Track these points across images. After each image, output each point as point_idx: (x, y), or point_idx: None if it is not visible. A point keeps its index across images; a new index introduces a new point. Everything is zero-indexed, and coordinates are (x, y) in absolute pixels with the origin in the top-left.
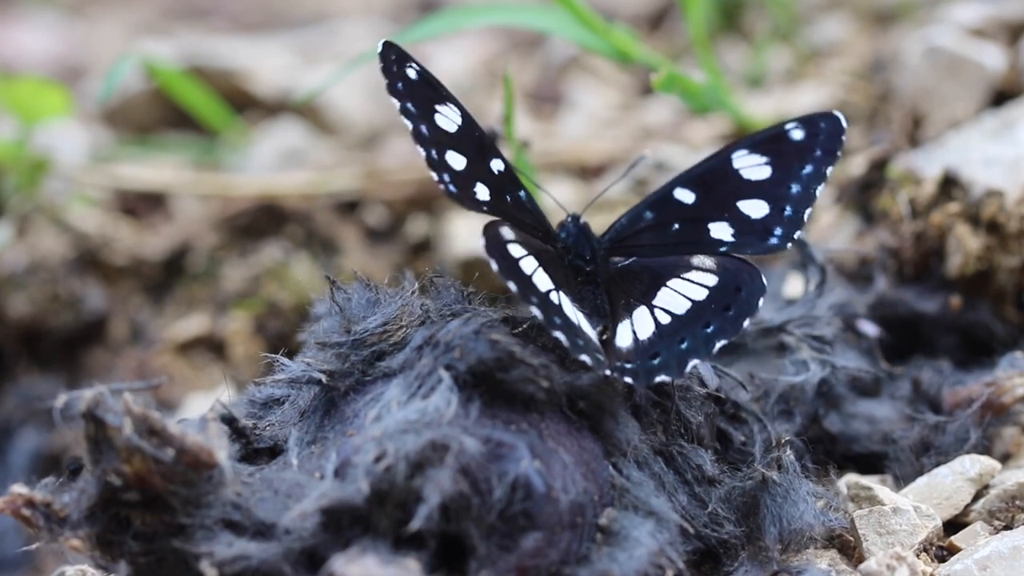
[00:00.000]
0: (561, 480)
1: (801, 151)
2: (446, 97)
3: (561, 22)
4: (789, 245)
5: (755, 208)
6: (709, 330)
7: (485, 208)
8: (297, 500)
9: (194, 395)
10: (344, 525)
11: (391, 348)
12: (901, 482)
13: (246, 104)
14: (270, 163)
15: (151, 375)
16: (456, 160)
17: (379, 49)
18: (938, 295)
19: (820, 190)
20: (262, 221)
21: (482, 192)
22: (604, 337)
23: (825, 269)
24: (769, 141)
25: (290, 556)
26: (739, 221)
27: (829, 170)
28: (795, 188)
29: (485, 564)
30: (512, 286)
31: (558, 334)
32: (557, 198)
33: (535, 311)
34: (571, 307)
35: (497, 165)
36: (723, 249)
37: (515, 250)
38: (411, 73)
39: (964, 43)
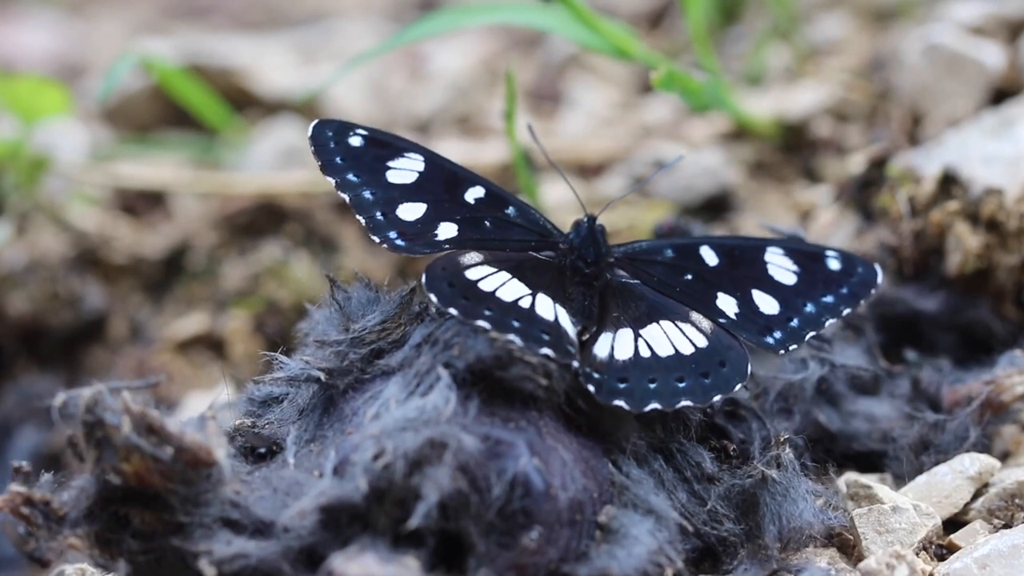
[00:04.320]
0: (560, 478)
1: (829, 281)
2: (403, 148)
3: (560, 20)
4: (781, 353)
5: (767, 303)
6: (680, 385)
7: (447, 246)
8: (296, 498)
9: (194, 394)
10: (343, 523)
11: (390, 346)
12: (900, 480)
13: (246, 103)
14: (270, 162)
15: (150, 374)
16: (411, 211)
17: (310, 132)
18: (938, 293)
19: (830, 323)
20: (261, 220)
21: (445, 231)
22: (584, 338)
23: None
24: (806, 255)
25: (289, 554)
26: (747, 306)
27: (846, 311)
28: (809, 308)
29: (484, 562)
30: (454, 311)
31: (512, 336)
32: (557, 197)
33: (483, 324)
34: (549, 306)
35: (475, 194)
36: (721, 321)
37: (475, 273)
38: (355, 142)
39: (963, 41)
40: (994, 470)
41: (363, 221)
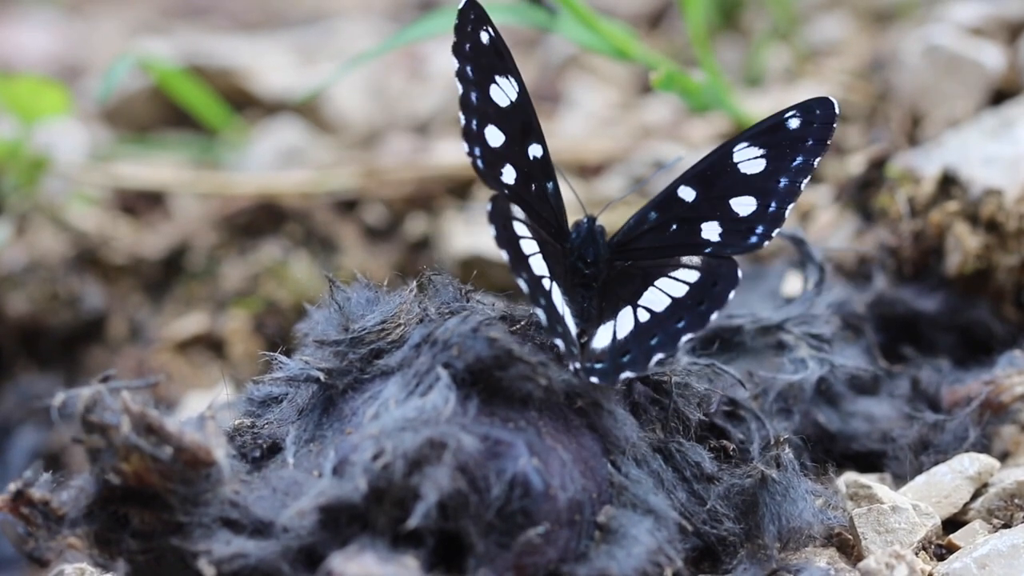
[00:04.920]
0: (559, 478)
1: (794, 141)
2: (510, 70)
3: (560, 21)
4: (766, 244)
5: (744, 206)
6: (679, 325)
7: (507, 191)
8: (295, 498)
9: (193, 393)
10: (342, 523)
11: (389, 346)
12: (900, 480)
13: (245, 103)
14: (269, 162)
15: (150, 374)
16: (494, 136)
17: (461, 4)
18: (937, 294)
19: (805, 183)
20: (261, 220)
21: (508, 174)
22: (582, 340)
23: (824, 268)
24: (767, 132)
25: (288, 554)
26: (727, 220)
27: (817, 161)
28: (783, 182)
29: (483, 562)
30: (505, 255)
31: (539, 311)
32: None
33: (522, 284)
34: (560, 298)
35: (535, 151)
36: (708, 250)
37: (519, 229)
38: (484, 37)
39: (963, 42)
40: (993, 470)
41: (463, 121)
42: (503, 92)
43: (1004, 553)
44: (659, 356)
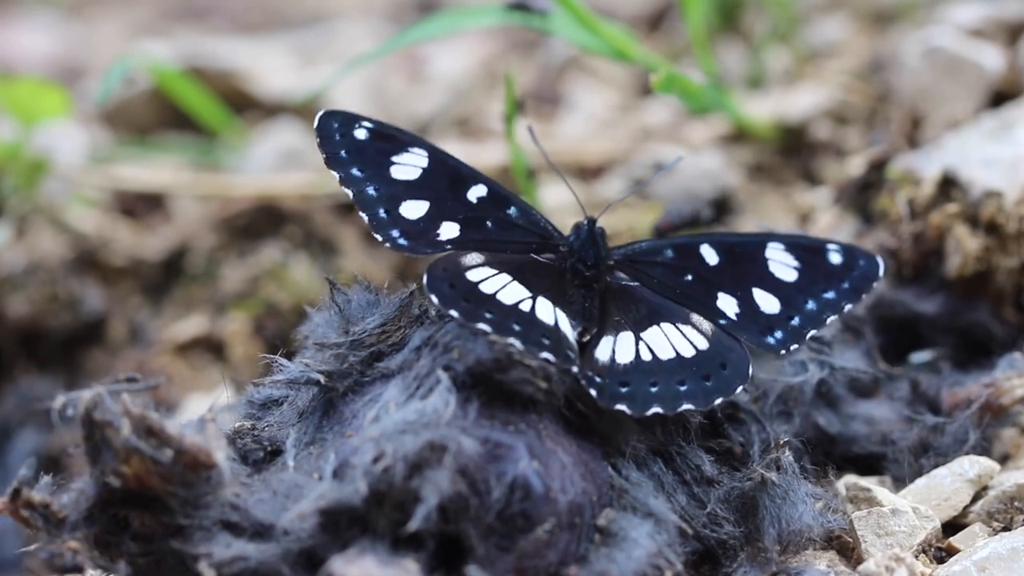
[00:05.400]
0: (559, 481)
1: (831, 275)
2: (408, 142)
3: (560, 23)
4: (782, 353)
5: (767, 302)
6: (681, 388)
7: (449, 246)
8: (295, 501)
9: (193, 396)
10: (342, 526)
11: (389, 349)
12: (900, 483)
13: (245, 105)
14: (269, 164)
15: (150, 376)
16: (414, 208)
17: (316, 123)
18: (937, 296)
19: (832, 319)
20: (261, 222)
21: (448, 231)
22: (585, 339)
23: None
24: (806, 249)
25: (288, 557)
26: (747, 305)
27: (848, 307)
28: (811, 305)
29: (484, 565)
30: (455, 314)
31: (512, 340)
32: (555, 200)
33: (484, 327)
34: (549, 310)
35: (477, 192)
36: (721, 322)
37: (476, 275)
38: (360, 135)
39: (963, 44)
40: (993, 473)
41: (366, 218)
42: (408, 166)
43: (1004, 556)
44: (656, 410)
